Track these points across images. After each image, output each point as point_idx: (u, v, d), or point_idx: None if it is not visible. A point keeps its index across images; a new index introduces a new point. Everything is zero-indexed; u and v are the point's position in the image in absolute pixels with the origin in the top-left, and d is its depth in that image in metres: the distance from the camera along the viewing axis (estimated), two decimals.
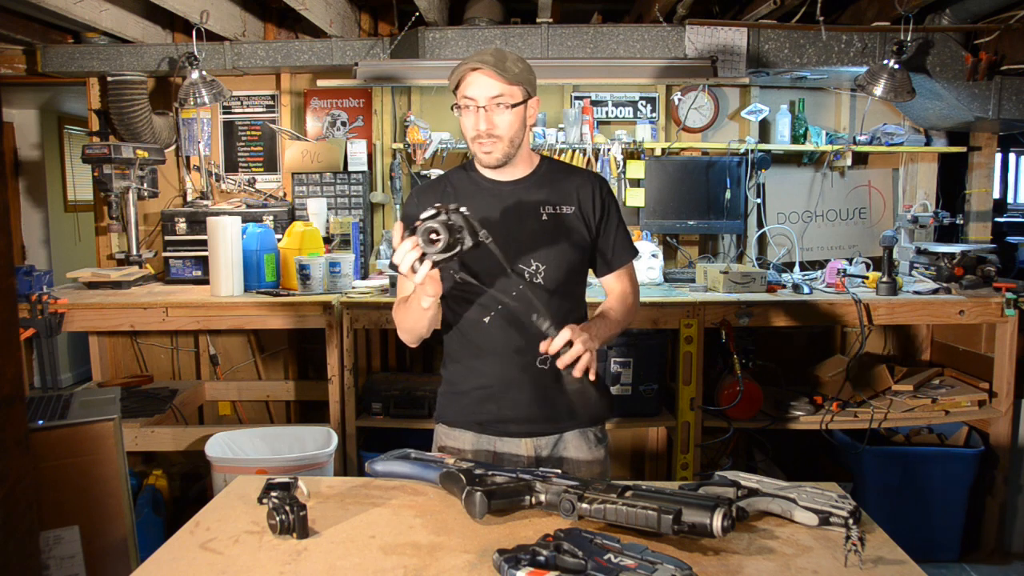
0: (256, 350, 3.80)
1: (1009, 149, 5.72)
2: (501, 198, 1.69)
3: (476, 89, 1.59)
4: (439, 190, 1.74)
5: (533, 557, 1.15)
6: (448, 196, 1.70)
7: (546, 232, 1.67)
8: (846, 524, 1.28)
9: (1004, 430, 3.11)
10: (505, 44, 3.35)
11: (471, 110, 1.61)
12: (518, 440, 1.72)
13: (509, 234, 1.65)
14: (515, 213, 1.68)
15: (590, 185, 1.73)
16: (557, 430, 1.73)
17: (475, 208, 1.63)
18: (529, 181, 1.71)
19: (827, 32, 3.22)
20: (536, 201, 1.69)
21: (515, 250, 1.65)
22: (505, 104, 1.60)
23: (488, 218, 1.66)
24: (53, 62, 3.54)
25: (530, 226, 1.67)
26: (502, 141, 1.62)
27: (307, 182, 3.58)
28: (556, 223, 1.68)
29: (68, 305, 2.95)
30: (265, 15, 3.73)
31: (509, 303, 1.62)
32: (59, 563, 1.90)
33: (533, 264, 1.66)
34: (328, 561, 1.24)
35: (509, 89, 1.59)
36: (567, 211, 1.70)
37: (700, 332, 2.97)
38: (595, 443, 1.79)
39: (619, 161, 3.52)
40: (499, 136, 1.61)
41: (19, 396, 1.31)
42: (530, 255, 1.66)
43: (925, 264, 3.35)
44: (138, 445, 2.99)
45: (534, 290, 1.63)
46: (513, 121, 1.62)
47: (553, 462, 1.73)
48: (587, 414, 1.75)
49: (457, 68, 1.61)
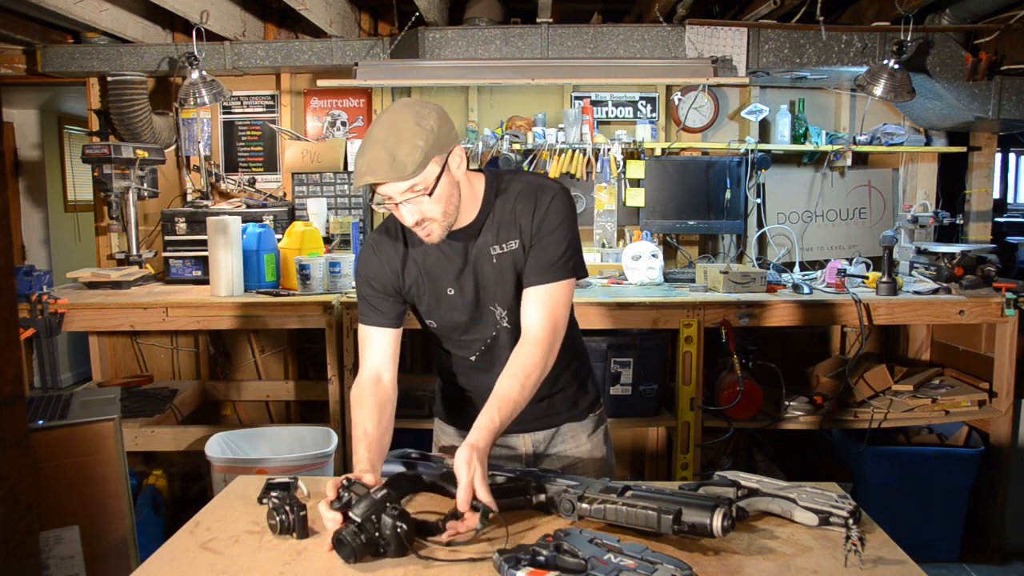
0: (256, 350, 3.80)
1: (1009, 149, 5.72)
2: (455, 248, 1.58)
3: (386, 188, 1.44)
4: (396, 240, 1.62)
5: (533, 557, 1.15)
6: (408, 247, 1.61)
7: (497, 275, 1.57)
8: (846, 524, 1.28)
9: (1004, 430, 3.11)
10: (505, 44, 3.36)
11: (392, 205, 1.47)
12: (516, 436, 1.72)
13: (474, 283, 1.59)
14: (472, 262, 1.58)
15: (531, 205, 1.54)
16: (554, 424, 1.73)
17: (436, 262, 1.59)
18: (476, 225, 1.58)
19: (827, 32, 3.22)
20: (486, 243, 1.57)
21: (483, 297, 1.59)
22: (421, 193, 1.43)
23: (449, 271, 1.59)
24: (53, 62, 3.54)
25: (487, 270, 1.58)
26: (436, 221, 1.49)
27: (307, 182, 3.58)
28: (504, 263, 1.56)
29: (68, 305, 2.95)
30: (265, 15, 3.73)
31: (491, 344, 1.62)
32: (59, 563, 1.90)
33: (498, 309, 1.59)
34: (328, 561, 1.24)
35: (420, 178, 1.41)
36: (513, 246, 1.55)
37: (700, 332, 2.97)
38: (591, 429, 1.76)
39: (619, 161, 3.52)
40: (432, 218, 1.48)
41: (19, 396, 1.31)
42: (493, 299, 1.59)
43: (925, 264, 3.35)
44: (138, 445, 2.99)
45: (506, 332, 1.60)
46: (438, 200, 1.46)
47: (552, 458, 1.73)
48: (578, 409, 1.75)
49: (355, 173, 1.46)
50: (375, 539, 1.21)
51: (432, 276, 1.60)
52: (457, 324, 1.62)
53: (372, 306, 1.62)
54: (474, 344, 1.64)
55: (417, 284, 1.61)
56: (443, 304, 1.61)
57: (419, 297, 1.62)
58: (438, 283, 1.60)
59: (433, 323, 1.64)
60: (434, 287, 1.60)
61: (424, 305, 1.63)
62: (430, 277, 1.60)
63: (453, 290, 1.59)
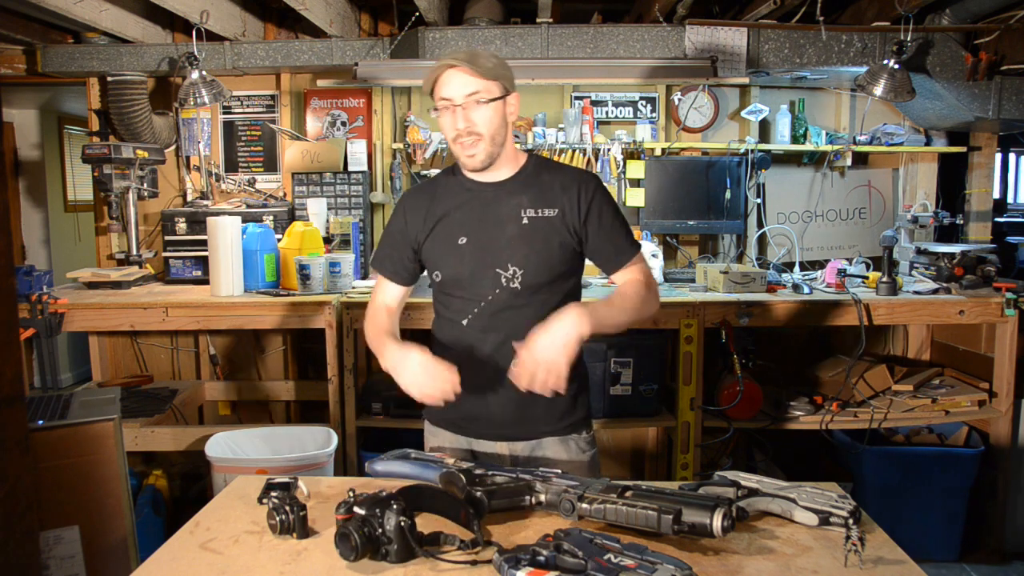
0: (256, 350, 3.80)
1: (1009, 149, 5.71)
2: (483, 200, 1.66)
3: (451, 88, 1.57)
4: (427, 194, 1.73)
5: (533, 557, 1.15)
6: (435, 200, 1.70)
7: (525, 236, 1.63)
8: (846, 524, 1.28)
9: (1004, 430, 3.11)
10: (505, 44, 3.36)
11: (448, 110, 1.58)
12: (494, 443, 1.72)
13: (488, 237, 1.64)
14: (495, 216, 1.65)
15: (575, 185, 1.66)
16: (533, 435, 1.71)
17: (458, 212, 1.67)
18: (513, 183, 1.67)
19: (827, 32, 3.22)
20: (517, 204, 1.65)
21: (493, 254, 1.63)
22: (482, 100, 1.56)
23: (468, 221, 1.65)
24: (53, 62, 3.54)
25: (510, 230, 1.63)
26: (483, 139, 1.58)
27: (307, 182, 3.58)
28: (536, 226, 1.63)
29: (68, 305, 2.95)
30: (265, 15, 3.73)
31: (486, 307, 1.64)
32: (59, 563, 1.90)
33: (510, 268, 1.63)
34: (328, 561, 1.24)
35: (485, 84, 1.56)
36: (549, 214, 1.64)
37: (700, 332, 2.97)
38: (576, 452, 1.74)
39: (619, 161, 3.52)
40: (479, 133, 1.57)
41: (19, 396, 1.31)
42: (508, 259, 1.63)
43: (925, 264, 3.35)
44: (138, 445, 2.99)
45: (512, 294, 1.63)
46: (492, 117, 1.58)
47: (532, 465, 1.72)
48: (561, 424, 1.72)
49: (432, 70, 1.59)
50: (378, 537, 1.21)
51: (450, 223, 1.67)
52: (458, 277, 1.66)
53: (389, 255, 1.75)
54: (469, 305, 1.66)
55: (434, 231, 1.68)
56: (452, 253, 1.66)
57: (432, 245, 1.69)
58: (453, 231, 1.66)
59: (439, 274, 1.70)
60: (449, 236, 1.67)
61: (434, 255, 1.69)
62: (448, 226, 1.67)
63: (465, 239, 1.65)
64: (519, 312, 1.63)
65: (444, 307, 1.73)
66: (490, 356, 1.65)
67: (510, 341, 1.53)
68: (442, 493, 1.39)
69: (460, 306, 1.68)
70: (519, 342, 1.47)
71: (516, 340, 1.49)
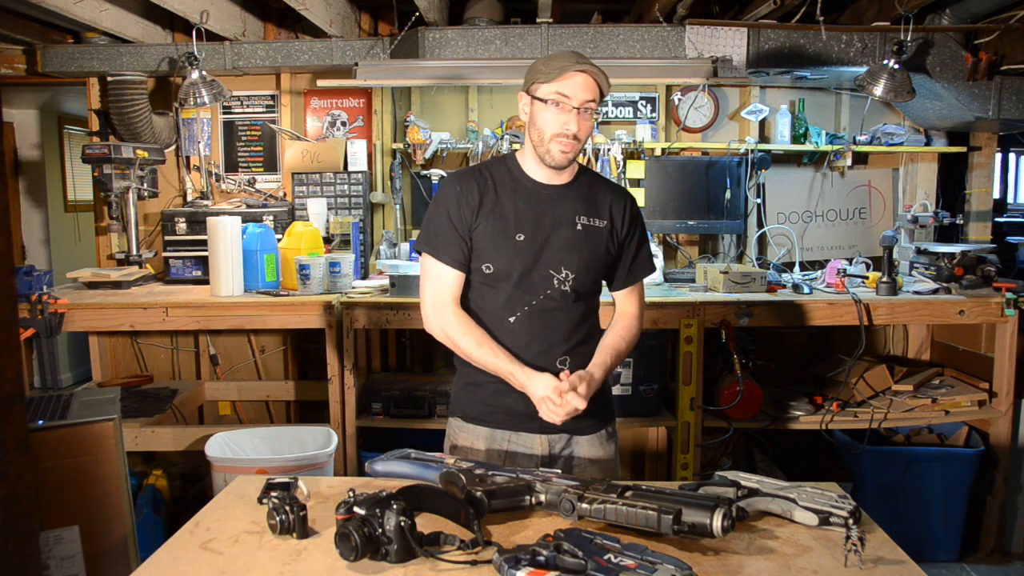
0: (256, 350, 3.80)
1: (1009, 149, 5.72)
2: (540, 200, 1.71)
3: (575, 89, 1.62)
4: (479, 181, 1.71)
5: (533, 557, 1.15)
6: (488, 189, 1.70)
7: (578, 242, 1.70)
8: (846, 524, 1.29)
9: (1004, 430, 3.11)
10: (505, 44, 3.36)
11: (563, 108, 1.62)
12: (532, 436, 1.73)
13: (544, 238, 1.68)
14: (552, 218, 1.70)
15: (622, 201, 1.77)
16: (568, 427, 1.74)
17: (513, 206, 1.68)
18: (569, 188, 1.73)
19: (827, 32, 3.21)
20: (573, 210, 1.71)
21: (548, 254, 1.68)
22: (592, 111, 1.64)
23: (525, 218, 1.68)
24: (53, 62, 3.54)
25: (565, 233, 1.69)
26: (580, 144, 1.66)
27: (307, 182, 3.58)
28: (588, 234, 1.72)
29: (68, 305, 2.95)
30: (265, 15, 3.73)
31: (537, 306, 1.68)
32: (59, 563, 1.90)
33: (563, 271, 1.69)
34: (328, 561, 1.24)
35: (599, 99, 1.65)
36: (600, 224, 1.73)
37: (700, 332, 2.97)
38: (606, 440, 1.82)
39: (619, 161, 3.52)
40: (580, 139, 1.65)
41: (19, 396, 1.31)
42: (561, 262, 1.69)
43: (925, 264, 3.35)
44: (138, 445, 2.99)
45: (561, 296, 1.68)
46: (591, 128, 1.68)
47: (565, 459, 1.75)
48: (594, 421, 1.79)
49: (556, 62, 1.62)
50: (378, 537, 1.21)
51: (506, 218, 1.67)
52: (511, 272, 1.67)
53: (447, 243, 1.69)
54: (518, 302, 1.68)
55: (487, 223, 1.67)
56: (508, 247, 1.67)
57: (485, 236, 1.67)
58: (510, 226, 1.67)
59: (489, 267, 1.68)
60: (504, 229, 1.67)
61: (487, 247, 1.68)
62: (503, 219, 1.67)
63: (523, 236, 1.67)
64: (564, 314, 1.70)
65: (486, 300, 1.72)
66: (535, 354, 1.69)
67: (553, 340, 1.68)
68: (442, 493, 1.39)
69: (507, 302, 1.69)
70: (564, 347, 1.67)
71: (557, 341, 1.67)
